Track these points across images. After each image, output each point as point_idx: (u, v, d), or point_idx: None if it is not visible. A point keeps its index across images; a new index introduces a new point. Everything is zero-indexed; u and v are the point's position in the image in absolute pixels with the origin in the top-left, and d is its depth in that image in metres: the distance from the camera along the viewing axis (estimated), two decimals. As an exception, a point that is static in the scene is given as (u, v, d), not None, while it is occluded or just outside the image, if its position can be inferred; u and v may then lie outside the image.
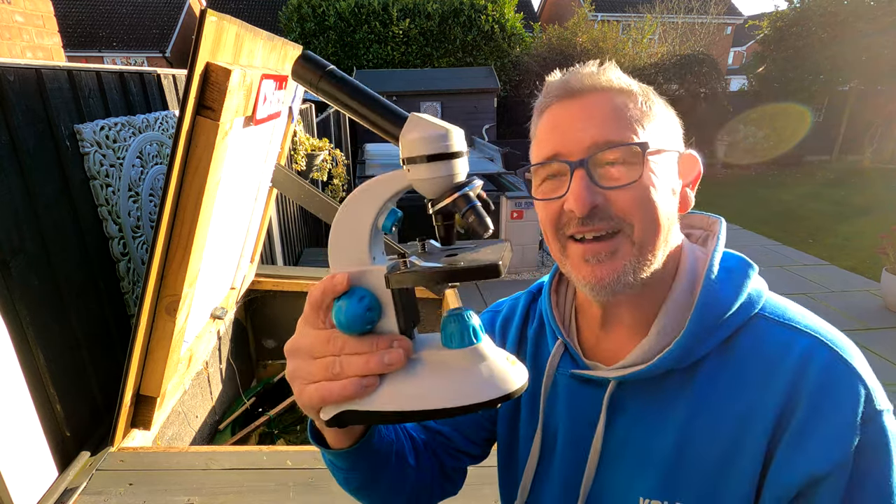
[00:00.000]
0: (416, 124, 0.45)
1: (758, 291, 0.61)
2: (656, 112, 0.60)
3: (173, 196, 1.33)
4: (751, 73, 13.84)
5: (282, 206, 3.93)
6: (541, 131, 0.63)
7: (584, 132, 0.58)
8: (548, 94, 0.64)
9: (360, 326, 0.45)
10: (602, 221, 0.57)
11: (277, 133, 2.23)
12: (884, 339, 4.38)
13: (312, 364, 0.47)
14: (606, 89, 0.60)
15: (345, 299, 0.45)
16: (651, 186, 0.57)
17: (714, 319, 0.59)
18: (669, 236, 0.60)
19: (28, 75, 1.41)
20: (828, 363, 0.55)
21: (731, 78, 18.31)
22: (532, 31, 13.78)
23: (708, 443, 0.58)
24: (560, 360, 0.70)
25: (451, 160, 0.45)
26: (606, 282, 0.58)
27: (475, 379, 0.44)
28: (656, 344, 0.61)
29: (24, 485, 1.35)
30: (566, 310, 0.74)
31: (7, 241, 1.34)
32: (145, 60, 17.06)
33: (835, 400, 0.53)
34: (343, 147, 7.35)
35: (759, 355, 0.58)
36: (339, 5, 12.08)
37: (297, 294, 2.88)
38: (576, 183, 0.57)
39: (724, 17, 18.99)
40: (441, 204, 0.45)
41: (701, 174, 0.66)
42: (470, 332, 0.46)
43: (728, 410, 0.57)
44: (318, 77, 0.48)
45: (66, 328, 1.57)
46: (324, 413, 0.48)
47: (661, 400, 0.61)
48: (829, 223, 7.90)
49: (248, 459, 1.60)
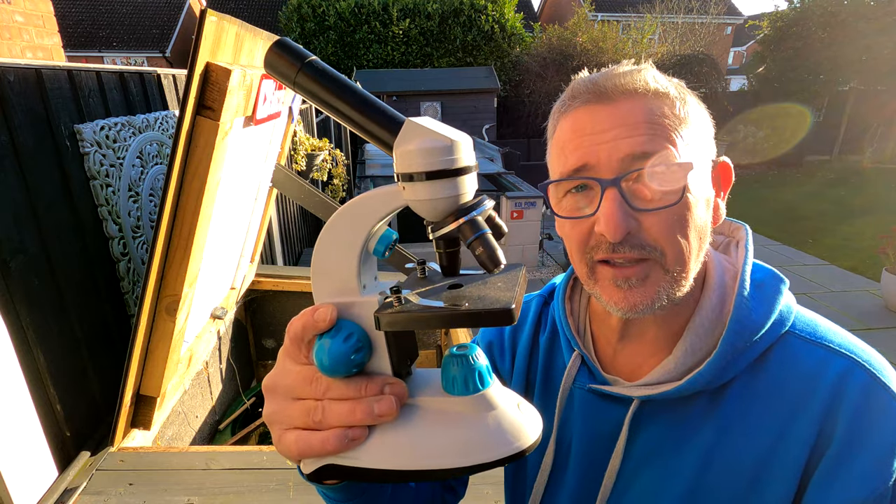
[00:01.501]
0: (414, 133, 0.37)
1: (788, 307, 0.58)
2: (693, 116, 0.55)
3: (173, 196, 1.33)
4: (751, 73, 13.84)
5: (282, 206, 3.93)
6: (564, 137, 0.56)
7: (617, 143, 0.52)
8: (574, 96, 0.56)
9: (345, 370, 0.38)
10: (633, 250, 0.52)
11: (277, 133, 2.23)
12: (884, 339, 4.38)
13: (292, 406, 0.41)
14: (641, 93, 0.53)
15: (328, 338, 0.39)
16: (687, 209, 0.52)
17: (746, 339, 0.55)
18: (702, 254, 0.57)
19: (28, 75, 1.41)
20: (865, 386, 0.51)
21: (731, 78, 18.32)
22: (532, 31, 13.77)
23: (734, 467, 0.55)
24: (577, 372, 0.66)
25: (457, 178, 0.37)
26: (640, 308, 0.54)
27: (482, 433, 0.38)
28: (682, 363, 0.57)
29: (24, 485, 1.35)
30: (580, 318, 0.70)
31: (7, 241, 1.34)
32: (145, 60, 17.05)
33: (874, 425, 0.50)
34: (343, 147, 7.35)
35: (793, 376, 0.54)
36: (339, 5, 12.08)
37: (297, 294, 2.88)
38: (608, 205, 0.51)
39: (724, 17, 18.99)
40: (443, 231, 0.38)
41: (732, 179, 0.61)
42: (476, 377, 0.39)
43: (758, 435, 0.54)
44: (296, 70, 0.39)
45: (66, 328, 1.57)
46: (304, 466, 0.42)
47: (686, 421, 0.58)
48: (829, 223, 7.90)
49: (248, 459, 1.60)
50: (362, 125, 0.39)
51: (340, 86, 0.39)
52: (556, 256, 6.77)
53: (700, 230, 0.55)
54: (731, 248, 0.64)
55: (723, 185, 0.61)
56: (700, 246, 0.55)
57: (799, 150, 12.46)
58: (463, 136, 0.38)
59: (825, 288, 5.53)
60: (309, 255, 4.64)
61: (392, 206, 0.40)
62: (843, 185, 10.41)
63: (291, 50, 0.39)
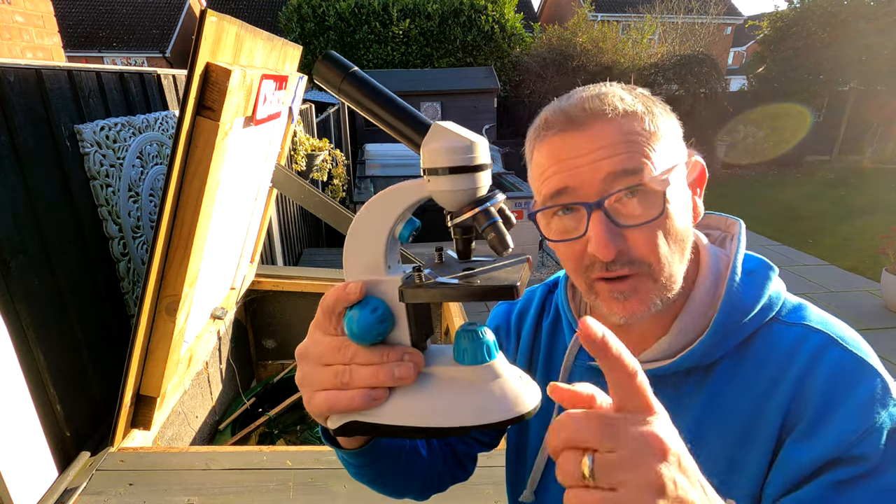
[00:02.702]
0: (440, 134, 0.43)
1: (777, 294, 0.62)
2: (662, 127, 0.58)
3: (173, 196, 1.33)
4: (751, 73, 13.83)
5: (282, 206, 3.93)
6: (543, 164, 0.60)
7: (596, 164, 0.55)
8: (548, 126, 0.60)
9: (371, 338, 0.44)
10: (625, 266, 0.57)
11: (277, 133, 2.23)
12: (884, 339, 4.38)
13: (322, 371, 0.46)
14: (611, 116, 0.56)
15: (357, 309, 0.44)
16: (668, 219, 0.56)
17: (736, 321, 0.60)
18: (687, 254, 0.60)
19: (28, 75, 1.41)
20: (840, 357, 0.55)
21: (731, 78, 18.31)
22: (532, 32, 13.77)
23: (719, 440, 0.59)
24: (578, 351, 0.71)
25: (475, 173, 0.43)
26: (638, 316, 0.58)
27: (487, 398, 0.43)
28: (675, 342, 0.62)
29: (24, 485, 1.35)
30: (582, 304, 0.75)
31: (7, 241, 1.34)
32: (145, 61, 17.05)
33: (849, 385, 0.53)
34: (343, 147, 7.35)
35: (774, 353, 0.59)
36: (339, 5, 12.08)
37: (297, 294, 2.88)
38: (596, 227, 0.55)
39: (724, 17, 18.99)
40: (460, 218, 0.44)
41: (706, 175, 0.65)
42: (484, 349, 0.44)
43: (740, 408, 0.58)
44: (341, 79, 0.46)
45: (66, 328, 1.57)
46: (331, 422, 0.48)
47: (678, 397, 0.62)
48: (829, 223, 7.90)
49: (248, 459, 1.60)
50: (395, 126, 0.46)
51: (378, 92, 0.46)
52: (556, 256, 6.76)
53: (683, 235, 0.59)
54: (727, 242, 0.68)
55: (698, 183, 0.65)
56: (683, 249, 0.60)
57: (799, 150, 12.46)
58: (480, 139, 0.44)
59: (825, 288, 5.53)
60: (309, 255, 4.64)
61: (418, 196, 0.46)
62: (842, 185, 10.41)
63: (338, 62, 0.47)
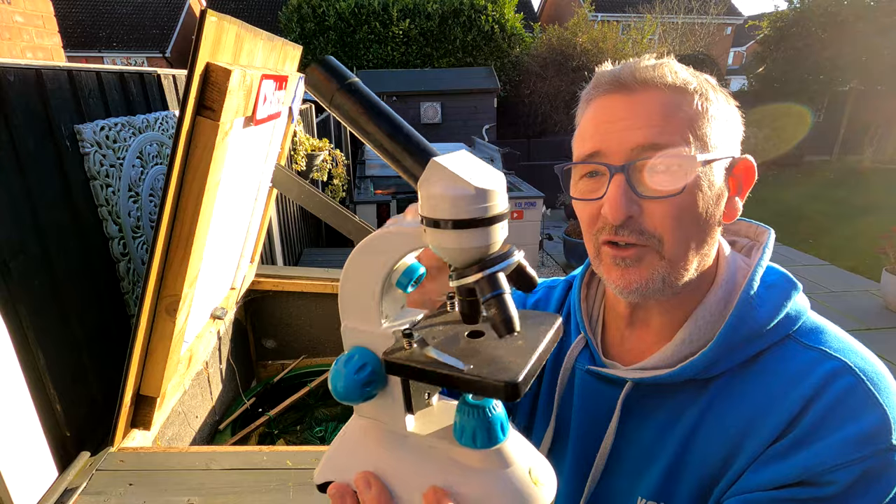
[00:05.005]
0: (439, 175, 0.34)
1: (798, 311, 0.58)
2: (713, 112, 0.56)
3: (173, 196, 1.33)
4: (751, 73, 13.83)
5: (282, 206, 3.93)
6: (584, 125, 0.60)
7: (629, 132, 0.54)
8: (597, 85, 0.59)
9: (357, 398, 0.40)
10: (632, 235, 0.55)
11: (277, 133, 2.23)
12: (884, 339, 4.38)
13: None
14: (659, 86, 0.55)
15: (343, 365, 0.40)
16: (692, 199, 0.54)
17: (744, 336, 0.56)
18: (706, 247, 0.58)
19: (28, 75, 1.41)
20: (850, 385, 0.51)
21: (731, 78, 18.31)
22: (532, 32, 13.76)
23: (710, 453, 0.57)
24: (579, 354, 0.70)
25: (487, 227, 0.35)
26: (634, 287, 0.56)
27: (490, 497, 0.37)
28: (679, 351, 0.59)
29: (24, 485, 1.35)
30: (595, 305, 0.73)
31: (7, 241, 1.34)
32: (145, 60, 17.05)
33: (849, 416, 0.50)
34: (343, 147, 7.34)
35: (779, 376, 0.55)
36: (339, 5, 12.07)
37: (297, 294, 2.87)
38: (613, 189, 0.54)
39: (724, 17, 18.97)
40: (463, 281, 0.36)
41: (754, 178, 0.61)
42: (497, 429, 0.38)
43: (734, 423, 0.56)
44: (333, 91, 0.39)
45: (66, 328, 1.57)
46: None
47: (673, 407, 0.60)
48: (829, 223, 7.90)
49: (248, 459, 1.60)
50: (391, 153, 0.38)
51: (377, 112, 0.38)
52: (556, 256, 6.77)
53: (704, 223, 0.56)
54: (754, 251, 0.65)
55: (743, 184, 0.61)
56: (702, 238, 0.57)
57: (799, 151, 12.45)
58: (494, 180, 0.35)
59: (825, 288, 5.53)
60: (309, 255, 4.64)
61: (413, 246, 0.39)
62: (843, 186, 10.40)
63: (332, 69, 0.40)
